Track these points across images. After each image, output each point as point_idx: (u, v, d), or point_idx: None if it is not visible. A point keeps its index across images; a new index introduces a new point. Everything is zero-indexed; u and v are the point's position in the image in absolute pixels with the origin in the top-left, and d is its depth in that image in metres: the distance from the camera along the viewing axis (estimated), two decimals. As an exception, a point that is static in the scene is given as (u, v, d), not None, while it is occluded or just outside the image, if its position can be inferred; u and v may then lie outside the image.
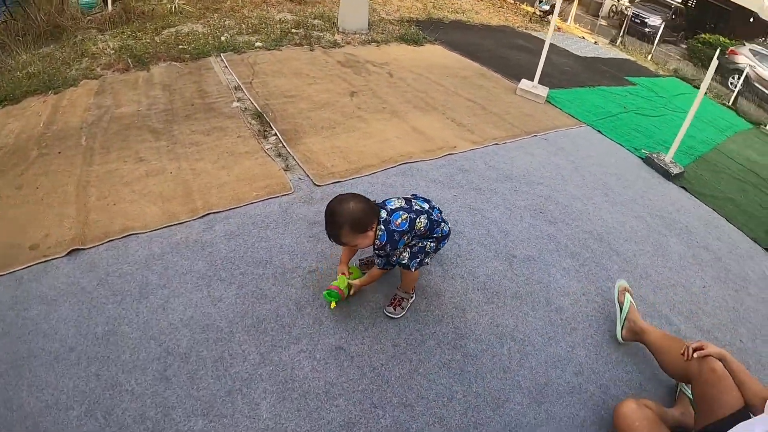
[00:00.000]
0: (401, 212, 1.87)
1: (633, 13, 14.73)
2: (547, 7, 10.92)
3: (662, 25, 12.89)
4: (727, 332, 2.76)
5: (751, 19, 16.01)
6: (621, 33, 12.17)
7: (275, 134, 3.40)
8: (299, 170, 3.02)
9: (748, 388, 1.69)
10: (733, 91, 9.57)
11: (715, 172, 5.26)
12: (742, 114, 8.65)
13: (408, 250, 1.95)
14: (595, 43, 11.11)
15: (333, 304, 2.00)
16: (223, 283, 2.14)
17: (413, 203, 1.97)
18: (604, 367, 2.22)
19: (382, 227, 1.84)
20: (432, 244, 2.00)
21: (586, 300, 2.54)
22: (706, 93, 9.60)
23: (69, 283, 2.05)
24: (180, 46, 4.74)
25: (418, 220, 1.90)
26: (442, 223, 2.04)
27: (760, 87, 11.43)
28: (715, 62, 4.58)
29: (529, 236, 2.91)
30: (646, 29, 13.78)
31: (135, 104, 3.64)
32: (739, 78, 9.57)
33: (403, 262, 1.96)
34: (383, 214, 1.86)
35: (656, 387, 2.18)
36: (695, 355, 1.78)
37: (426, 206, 2.01)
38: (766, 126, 8.16)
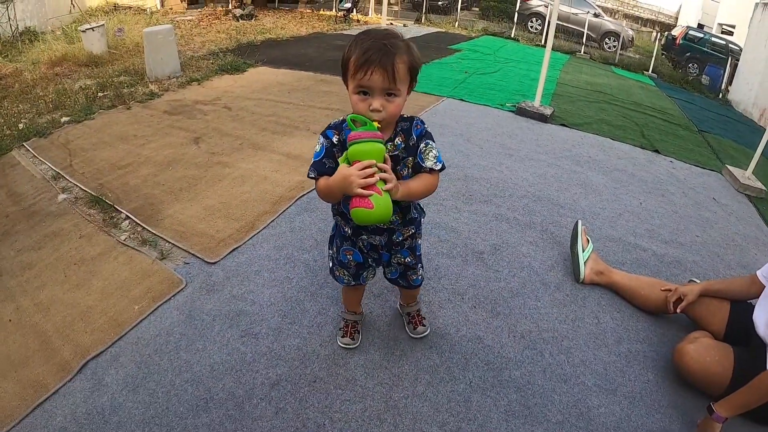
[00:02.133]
0: None
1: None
2: (348, 5, 11.23)
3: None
4: (686, 234, 2.89)
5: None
6: (423, 12, 13.07)
7: (126, 218, 2.61)
8: (180, 253, 2.30)
9: (735, 291, 1.90)
10: (534, 33, 10.87)
11: (573, 102, 5.69)
12: (556, 49, 9.82)
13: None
14: (404, 25, 11.72)
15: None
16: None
17: None
18: (631, 321, 2.08)
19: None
20: None
21: (571, 263, 2.34)
22: (518, 40, 10.76)
23: None
24: (-30, 151, 3.73)
25: None
26: None
27: (559, 23, 13.22)
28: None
29: (479, 226, 2.65)
30: (439, 2, 15.08)
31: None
32: (537, 21, 10.94)
33: (418, 276, 1.66)
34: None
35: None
36: (678, 310, 1.94)
37: None
38: (580, 52, 9.42)
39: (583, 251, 2.28)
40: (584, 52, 10.59)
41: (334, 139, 1.32)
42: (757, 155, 3.95)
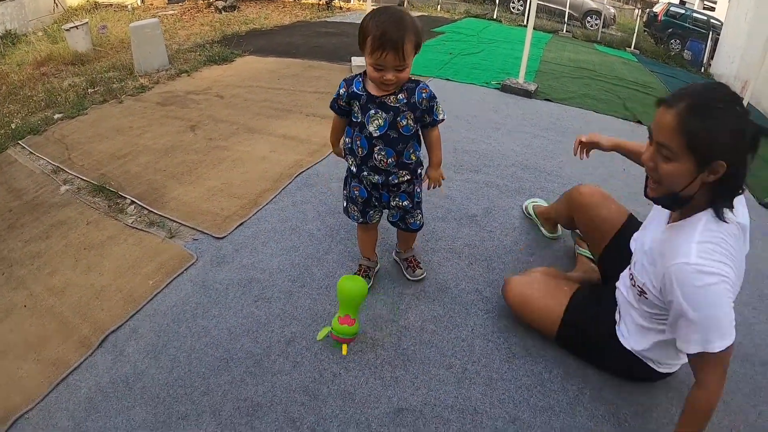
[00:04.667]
0: None
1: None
2: (331, -8, 11.18)
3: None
4: (668, 198, 2.97)
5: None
6: (405, -4, 13.07)
7: (131, 203, 2.70)
8: (188, 231, 2.41)
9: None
10: (516, 14, 10.96)
11: (557, 78, 5.81)
12: (539, 29, 9.92)
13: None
14: (387, 11, 11.66)
15: (344, 349, 1.69)
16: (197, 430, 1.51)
17: None
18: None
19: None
20: None
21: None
22: (500, 21, 10.85)
23: None
24: (-35, 152, 3.81)
25: None
26: None
27: (540, 2, 13.32)
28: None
29: (471, 192, 2.78)
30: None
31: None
32: (519, 1, 11.05)
33: (416, 220, 1.87)
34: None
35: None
36: (585, 139, 1.99)
37: None
38: (562, 31, 9.55)
39: (536, 217, 2.44)
40: (566, 31, 10.71)
41: (341, 91, 1.65)
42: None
